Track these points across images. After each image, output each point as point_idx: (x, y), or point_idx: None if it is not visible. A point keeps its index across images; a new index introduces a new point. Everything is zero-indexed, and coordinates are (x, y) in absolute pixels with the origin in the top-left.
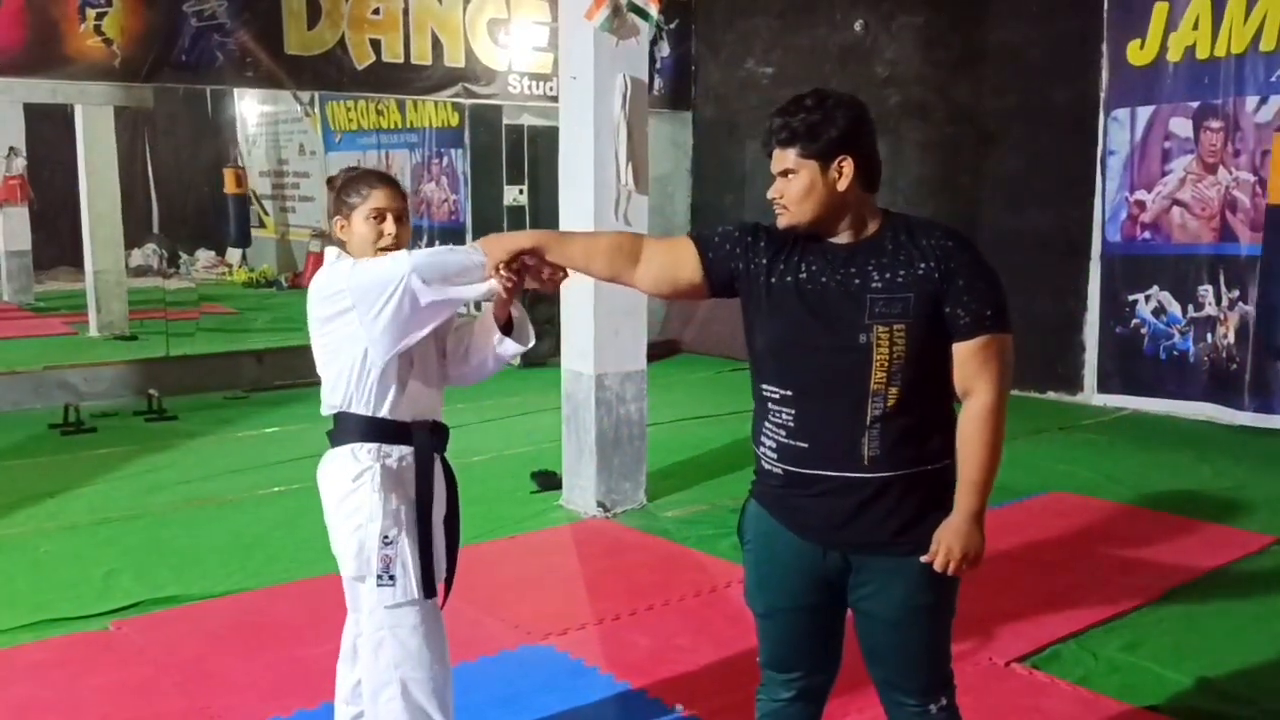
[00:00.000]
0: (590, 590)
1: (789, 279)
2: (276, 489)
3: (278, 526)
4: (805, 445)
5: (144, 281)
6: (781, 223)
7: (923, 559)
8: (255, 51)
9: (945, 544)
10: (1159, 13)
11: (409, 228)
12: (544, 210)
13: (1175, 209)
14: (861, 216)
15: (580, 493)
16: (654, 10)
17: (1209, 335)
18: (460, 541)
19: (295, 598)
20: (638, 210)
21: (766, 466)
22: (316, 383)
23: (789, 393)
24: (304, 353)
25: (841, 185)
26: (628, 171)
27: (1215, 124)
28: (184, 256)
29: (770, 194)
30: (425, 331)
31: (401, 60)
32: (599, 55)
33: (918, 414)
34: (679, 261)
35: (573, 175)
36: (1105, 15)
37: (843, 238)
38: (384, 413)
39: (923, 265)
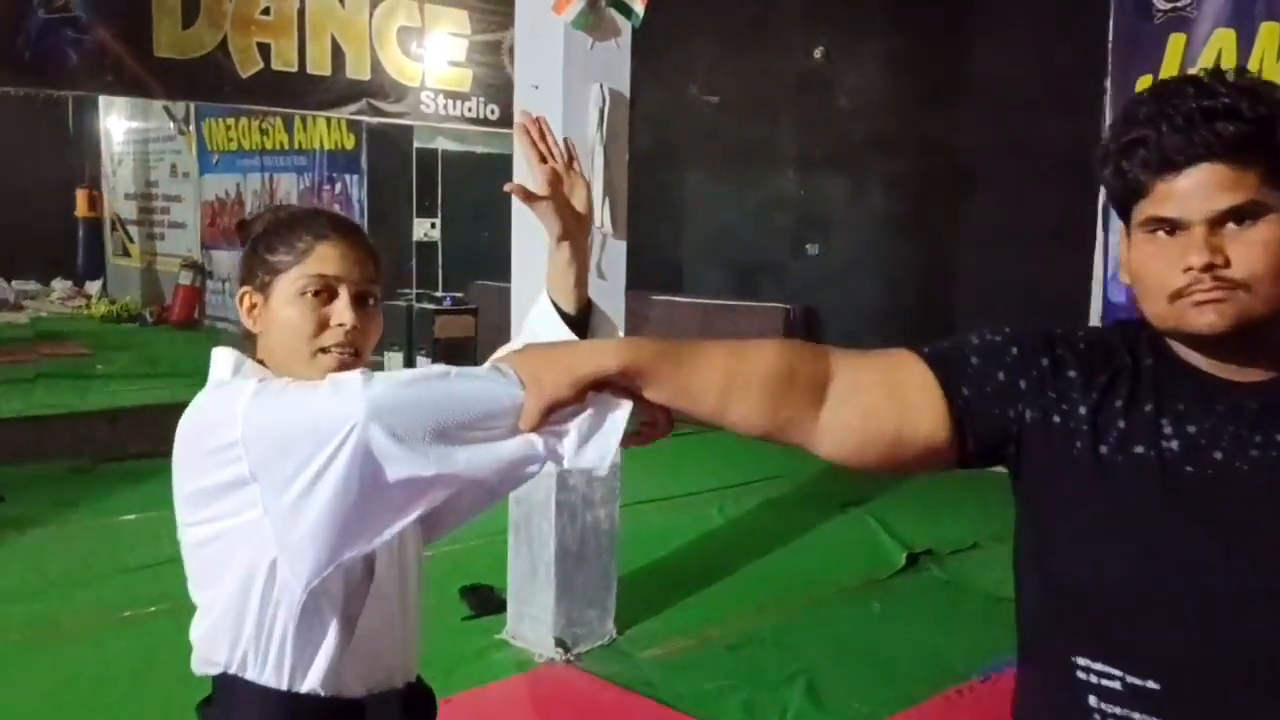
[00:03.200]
0: None
1: (1142, 449)
2: (128, 613)
3: (129, 671)
4: None
5: None
6: (1204, 322)
7: None
8: (117, 52)
9: None
10: (1175, 44)
11: (379, 319)
12: (457, 247)
13: None
14: None
15: (532, 624)
16: (640, 6)
17: None
18: None
19: None
20: (614, 261)
21: None
22: None
23: (1152, 684)
24: (172, 412)
25: None
26: (604, 210)
27: None
28: (12, 286)
29: (1194, 261)
30: (392, 532)
31: (295, 69)
32: (569, 60)
33: None
34: (903, 401)
35: (528, 214)
36: (1110, 45)
37: (1252, 370)
38: (308, 684)
39: None
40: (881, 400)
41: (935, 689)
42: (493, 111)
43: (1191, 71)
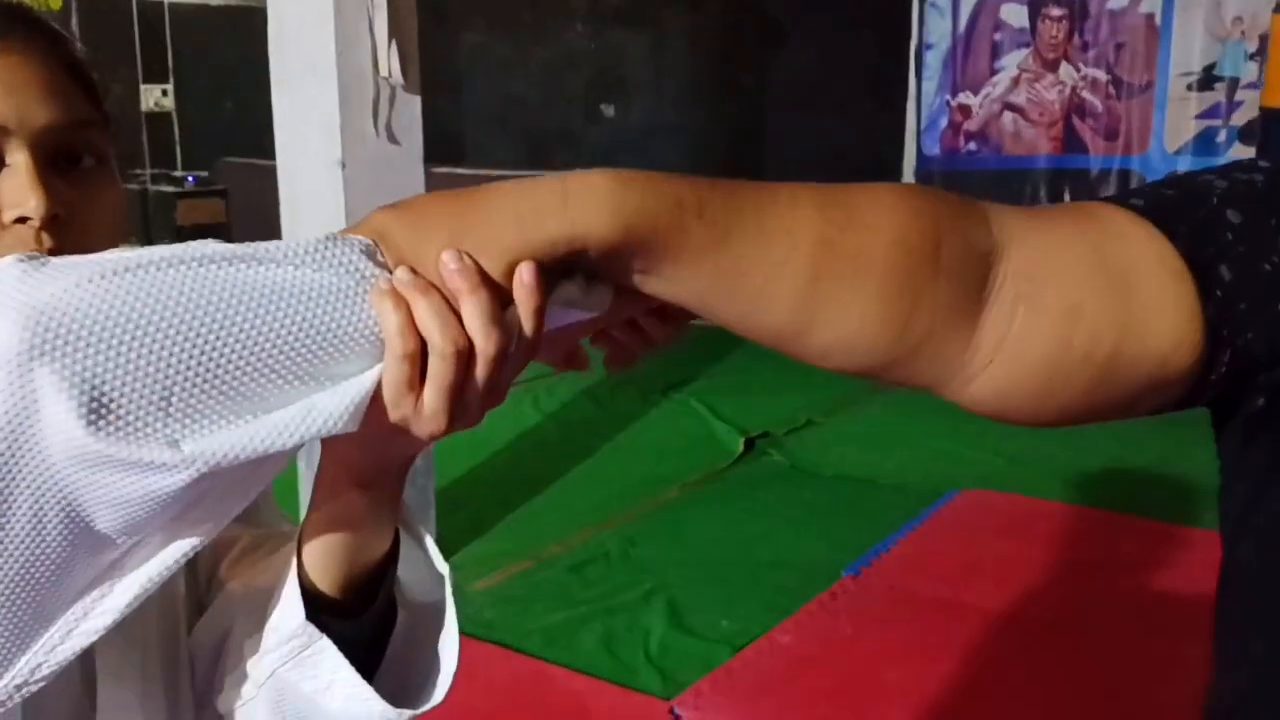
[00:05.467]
0: None
1: None
2: None
3: None
4: None
5: None
6: None
7: None
8: None
9: None
10: None
11: (113, 195)
12: (197, 119)
13: (1008, 115)
14: None
15: None
16: None
17: None
18: None
19: None
20: (406, 122)
21: None
22: None
23: None
24: None
25: None
26: (391, 54)
27: (1057, 11)
28: None
29: None
30: (117, 606)
31: None
32: None
33: None
34: (1126, 294)
35: (292, 62)
36: None
37: None
38: None
39: None
40: (1091, 295)
41: (805, 592)
42: None
43: None
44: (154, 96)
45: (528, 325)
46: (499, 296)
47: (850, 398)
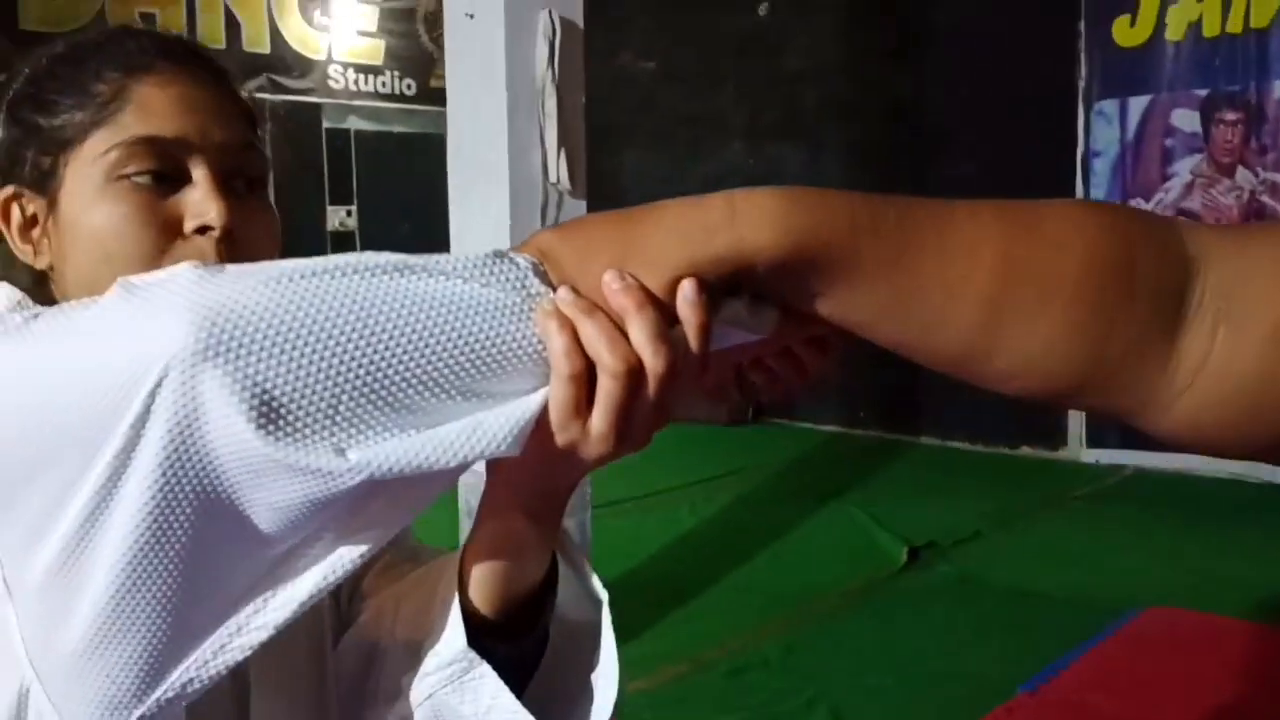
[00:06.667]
0: None
1: None
2: None
3: None
4: None
5: None
6: None
7: None
8: None
9: None
10: None
11: (273, 220)
12: (377, 237)
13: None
14: None
15: None
16: None
17: None
18: None
19: None
20: None
21: None
22: None
23: None
24: None
25: None
26: (560, 162)
27: (1231, 115)
28: None
29: None
30: (279, 620)
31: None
32: None
33: None
34: None
35: (468, 170)
36: None
37: None
38: None
39: None
40: None
41: (976, 706)
42: (409, 86)
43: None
44: (339, 217)
45: (694, 342)
46: (665, 314)
47: (1021, 508)
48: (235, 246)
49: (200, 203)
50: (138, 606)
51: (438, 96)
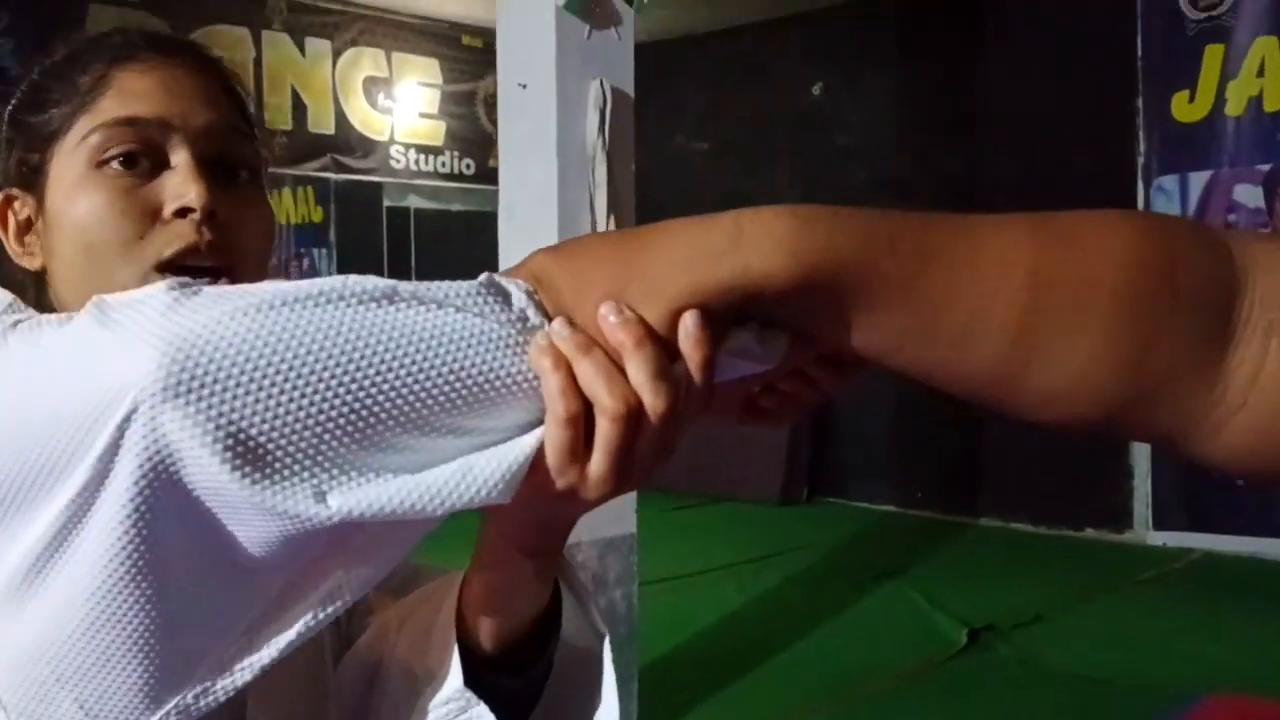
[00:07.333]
0: None
1: None
2: None
3: None
4: None
5: None
6: None
7: None
8: None
9: None
10: (1211, 57)
11: (265, 214)
12: None
13: None
14: None
15: None
16: None
17: None
18: None
19: None
20: None
21: None
22: None
23: None
24: None
25: None
26: (609, 229)
27: None
28: None
29: None
30: (258, 663)
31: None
32: (563, 53)
33: None
34: None
35: (518, 236)
36: (1139, 63)
37: None
38: None
39: None
40: None
41: None
42: (468, 166)
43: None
44: None
45: (697, 378)
46: (666, 348)
47: (1084, 591)
48: (220, 231)
49: (180, 184)
50: (113, 641)
51: (495, 176)
